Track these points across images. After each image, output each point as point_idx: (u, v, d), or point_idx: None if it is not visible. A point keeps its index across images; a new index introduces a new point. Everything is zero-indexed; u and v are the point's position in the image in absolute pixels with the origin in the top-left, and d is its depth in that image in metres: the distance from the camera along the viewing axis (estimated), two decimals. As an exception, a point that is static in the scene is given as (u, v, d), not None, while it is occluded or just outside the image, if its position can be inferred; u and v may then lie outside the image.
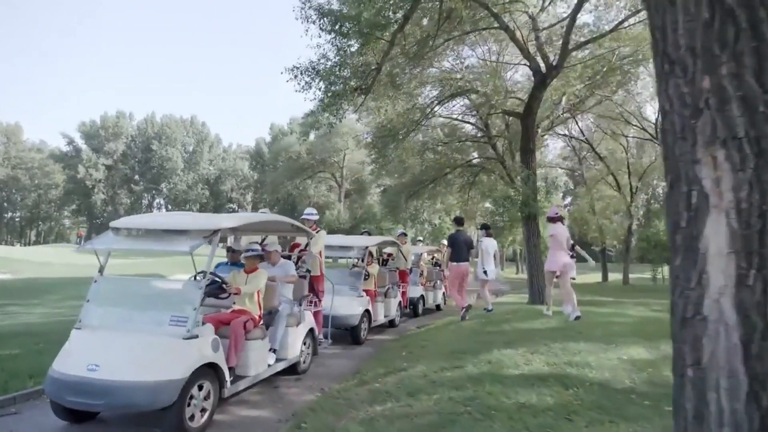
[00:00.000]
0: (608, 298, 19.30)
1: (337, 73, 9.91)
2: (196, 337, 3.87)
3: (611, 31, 13.76)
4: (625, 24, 13.98)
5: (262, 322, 5.08)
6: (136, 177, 72.89)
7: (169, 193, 73.12)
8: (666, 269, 32.47)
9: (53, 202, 70.58)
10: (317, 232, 7.24)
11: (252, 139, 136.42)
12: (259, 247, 5.63)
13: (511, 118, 22.98)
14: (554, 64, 13.39)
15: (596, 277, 35.26)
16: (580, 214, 34.12)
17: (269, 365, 5.04)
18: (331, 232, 61.22)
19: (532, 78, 17.52)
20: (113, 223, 4.45)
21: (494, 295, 15.44)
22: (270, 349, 5.17)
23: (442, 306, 14.22)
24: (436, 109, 18.74)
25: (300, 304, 5.87)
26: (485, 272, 8.87)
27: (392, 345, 7.24)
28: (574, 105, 18.96)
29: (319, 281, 6.93)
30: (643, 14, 13.36)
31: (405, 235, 12.22)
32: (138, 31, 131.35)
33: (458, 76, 18.11)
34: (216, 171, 75.31)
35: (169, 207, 78.84)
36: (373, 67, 10.19)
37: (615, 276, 35.68)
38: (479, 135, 24.69)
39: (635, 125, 25.92)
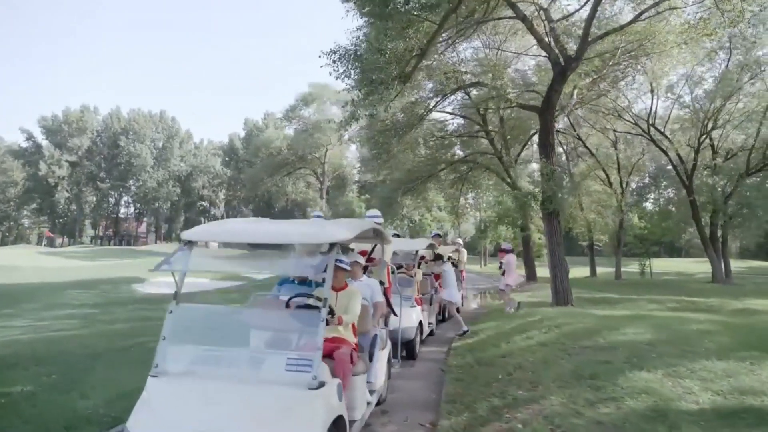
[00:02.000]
0: (612, 294, 19.09)
1: (377, 59, 9.00)
2: (323, 385, 2.94)
3: (631, 22, 13.32)
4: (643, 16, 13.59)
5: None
6: (102, 174, 69.43)
7: (138, 191, 70.05)
8: (654, 262, 33.00)
9: (12, 201, 66.39)
10: None
11: (224, 135, 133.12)
12: (346, 259, 4.71)
13: (507, 112, 22.65)
14: (574, 55, 12.87)
15: (584, 271, 35.45)
16: (568, 210, 34.13)
17: (368, 403, 4.16)
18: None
19: (539, 72, 17.14)
20: (186, 235, 3.45)
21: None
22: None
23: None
24: (438, 102, 18.08)
25: (386, 325, 5.03)
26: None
27: (460, 362, 6.44)
28: (582, 99, 18.58)
29: (389, 294, 6.07)
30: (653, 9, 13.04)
31: (440, 236, 11.46)
32: (98, 25, 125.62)
33: (463, 69, 17.49)
34: (187, 167, 72.60)
35: (138, 206, 75.71)
36: (415, 53, 9.32)
37: (601, 270, 35.91)
38: (476, 130, 24.18)
39: (628, 120, 25.88)
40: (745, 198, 25.00)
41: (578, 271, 36.91)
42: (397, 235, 11.72)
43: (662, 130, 26.35)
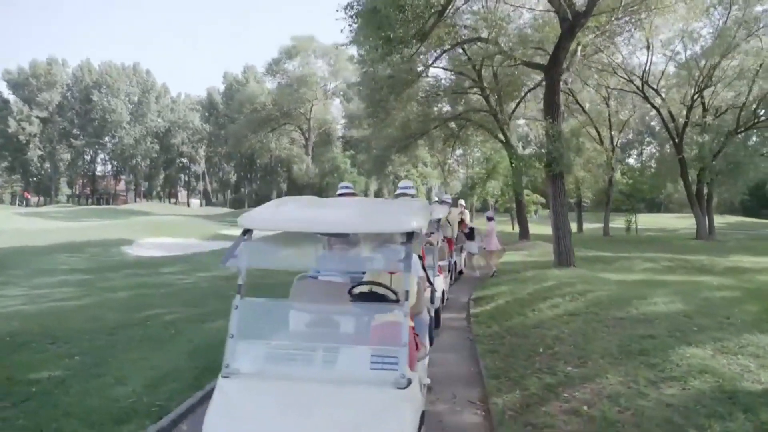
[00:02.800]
0: (605, 252, 19.47)
1: (397, 16, 8.43)
2: (410, 382, 2.76)
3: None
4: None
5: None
6: (76, 131, 66.64)
7: (115, 148, 67.70)
8: (639, 217, 33.65)
9: (-20, 160, 63.63)
10: None
11: (202, 89, 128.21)
12: None
13: (500, 68, 22.11)
14: (583, 11, 12.40)
15: (571, 227, 36.07)
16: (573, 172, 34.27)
17: (426, 386, 4.06)
18: (301, 187, 59.39)
19: (541, 28, 16.56)
20: (245, 223, 3.11)
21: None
22: None
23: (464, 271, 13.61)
24: (437, 58, 17.40)
25: (432, 302, 4.92)
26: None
27: (486, 331, 6.42)
28: (584, 55, 18.14)
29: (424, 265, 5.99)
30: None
31: (455, 201, 11.23)
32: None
33: (464, 23, 16.79)
34: (165, 123, 70.11)
35: (115, 163, 73.44)
36: (434, 10, 8.77)
37: (587, 226, 36.57)
38: (469, 86, 23.60)
39: (622, 77, 25.57)
40: (733, 156, 25.33)
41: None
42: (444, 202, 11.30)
43: (655, 87, 26.22)
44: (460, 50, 20.06)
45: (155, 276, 13.77)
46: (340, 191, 6.13)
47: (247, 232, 3.15)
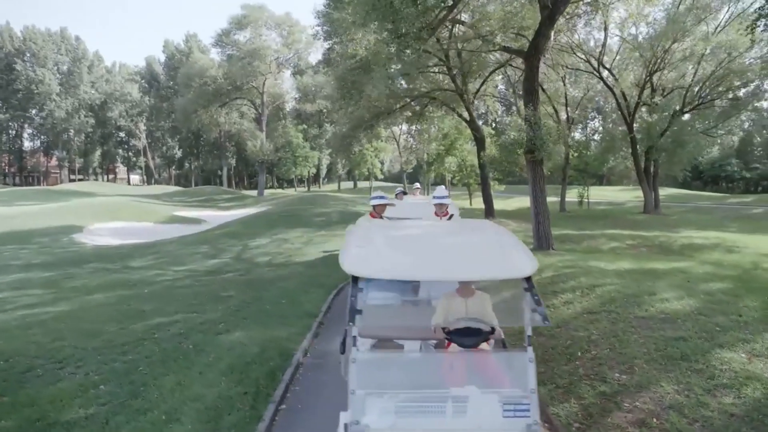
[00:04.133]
0: (568, 230, 20.32)
1: (411, 11, 8.11)
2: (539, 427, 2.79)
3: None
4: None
5: None
6: (-3, 103, 60.57)
7: (44, 122, 62.23)
8: (591, 191, 35.25)
9: None
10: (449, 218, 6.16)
11: (138, 58, 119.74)
12: None
13: (464, 48, 22.10)
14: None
15: (526, 201, 37.33)
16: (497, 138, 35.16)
17: None
18: (253, 163, 57.33)
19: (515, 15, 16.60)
20: (352, 270, 2.96)
21: None
22: None
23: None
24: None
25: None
26: None
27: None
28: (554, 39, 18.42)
29: None
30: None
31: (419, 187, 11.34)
32: None
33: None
34: (100, 95, 65.03)
35: (42, 138, 67.70)
36: (444, 4, 8.48)
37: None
38: (434, 64, 23.48)
39: (580, 57, 26.29)
40: (678, 134, 26.92)
41: (523, 201, 38.89)
42: (404, 193, 11.43)
43: (609, 68, 27.22)
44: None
45: (127, 272, 13.00)
46: (376, 201, 5.94)
47: (356, 279, 3.02)
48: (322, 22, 18.34)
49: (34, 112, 62.16)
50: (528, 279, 2.98)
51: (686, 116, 27.64)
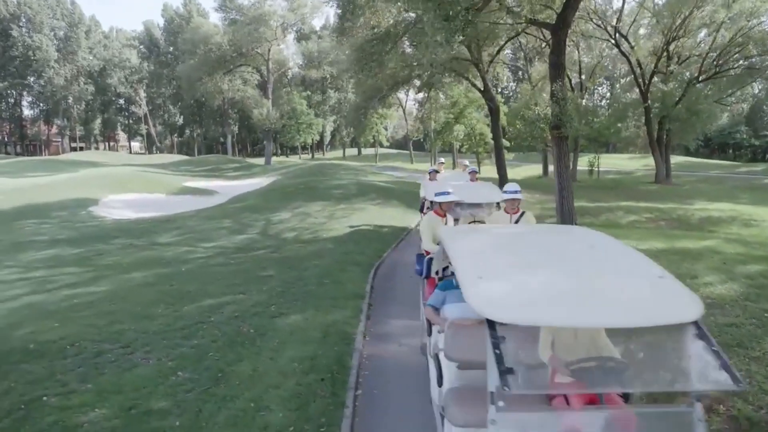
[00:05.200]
0: (583, 201, 20.37)
1: None
2: None
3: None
4: None
5: None
6: (-6, 70, 59.44)
7: (43, 90, 61.30)
8: (602, 159, 35.14)
9: None
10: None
11: (135, 23, 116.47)
12: None
13: (478, 17, 21.57)
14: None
15: (536, 170, 37.31)
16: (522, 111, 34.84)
17: None
18: (259, 131, 56.46)
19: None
20: (492, 312, 2.39)
21: None
22: None
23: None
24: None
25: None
26: None
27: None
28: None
29: None
30: None
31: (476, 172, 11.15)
32: None
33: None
34: (99, 61, 63.75)
35: (42, 106, 66.80)
36: None
37: (551, 169, 37.74)
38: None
39: (597, 24, 25.72)
40: (693, 102, 26.66)
41: (531, 169, 38.86)
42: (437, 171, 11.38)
43: (626, 35, 26.68)
44: None
45: (156, 249, 13.18)
46: (442, 198, 5.71)
47: (494, 324, 2.46)
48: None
49: (32, 79, 61.12)
50: (696, 323, 2.39)
51: (700, 85, 27.30)
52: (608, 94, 50.60)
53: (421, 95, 39.00)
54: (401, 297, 8.23)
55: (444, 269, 4.65)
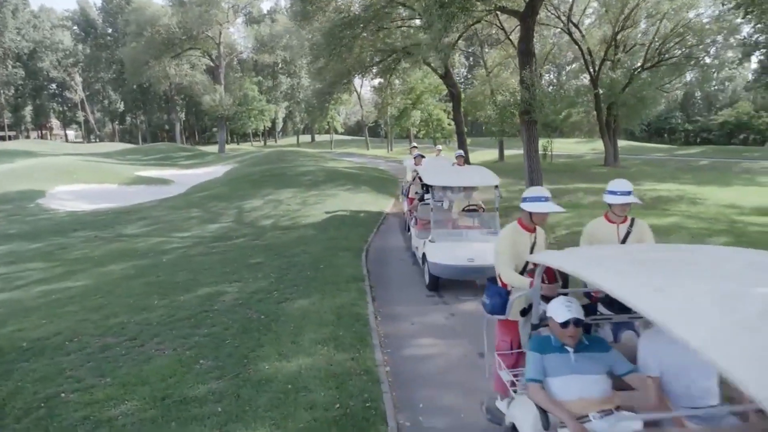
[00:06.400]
0: (548, 184, 21.28)
1: None
2: None
3: None
4: None
5: None
6: None
7: (-35, 73, 56.15)
8: (554, 143, 36.54)
9: None
10: None
11: (68, 2, 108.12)
12: None
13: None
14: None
15: (492, 154, 38.28)
16: (477, 98, 35.61)
17: None
18: (213, 119, 54.00)
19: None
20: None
21: None
22: None
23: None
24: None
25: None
26: None
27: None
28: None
29: None
30: None
31: (463, 156, 11.46)
32: None
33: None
34: (29, 43, 59.01)
35: (-37, 90, 61.17)
36: None
37: (508, 153, 38.90)
38: (409, 18, 23.14)
39: (551, 12, 26.59)
40: (638, 89, 28.25)
41: (487, 154, 39.85)
42: (421, 156, 11.53)
43: (577, 24, 27.79)
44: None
45: (125, 240, 12.64)
46: (539, 208, 3.73)
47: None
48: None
49: (-50, 62, 55.88)
50: None
51: (644, 73, 28.95)
52: (554, 80, 52.50)
53: (377, 81, 39.00)
54: (398, 279, 8.43)
55: (526, 310, 3.39)
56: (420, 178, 10.42)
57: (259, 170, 22.89)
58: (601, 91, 27.76)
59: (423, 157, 11.53)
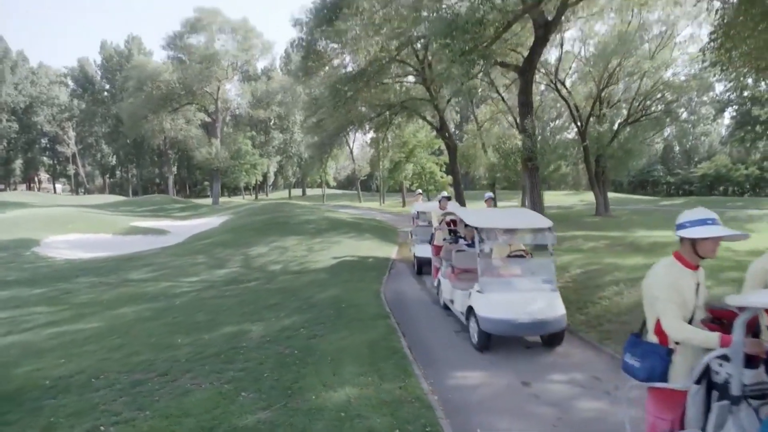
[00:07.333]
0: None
1: (477, 30, 8.62)
2: None
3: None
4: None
5: None
6: None
7: (-42, 127, 56.41)
8: (543, 195, 37.45)
9: None
10: None
11: (64, 59, 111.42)
12: None
13: (434, 58, 23.10)
14: (552, 19, 13.69)
15: (481, 204, 38.91)
16: (469, 151, 36.79)
17: None
18: (205, 173, 54.35)
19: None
20: None
21: None
22: None
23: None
24: (402, 46, 17.73)
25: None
26: None
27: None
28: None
29: None
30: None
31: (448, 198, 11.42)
32: None
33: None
34: (25, 98, 59.94)
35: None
36: (505, 21, 9.06)
37: (501, 204, 39.70)
38: (404, 74, 24.34)
39: (540, 71, 28.12)
40: (624, 143, 29.50)
41: (479, 204, 40.53)
42: (447, 198, 11.44)
43: (563, 81, 29.37)
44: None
45: (133, 285, 12.44)
46: (707, 233, 2.91)
47: None
48: (309, 31, 18.44)
49: (-54, 115, 56.28)
50: None
51: (628, 127, 30.37)
52: (539, 135, 54.65)
53: (369, 136, 40.13)
54: (419, 317, 8.41)
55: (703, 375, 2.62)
56: (451, 222, 10.52)
57: (260, 219, 22.96)
58: (589, 144, 28.96)
59: (449, 199, 11.38)
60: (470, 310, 6.72)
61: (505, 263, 7.38)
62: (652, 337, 2.94)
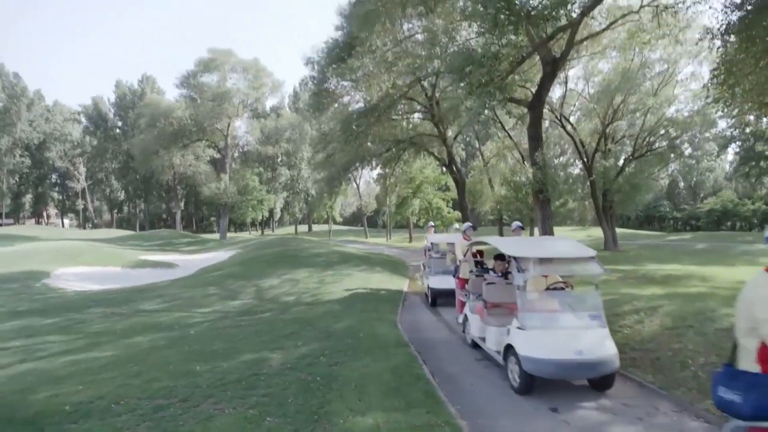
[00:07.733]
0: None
1: (492, 63, 8.98)
2: None
3: (605, 29, 15.02)
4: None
5: None
6: None
7: (-27, 162, 57.61)
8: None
9: None
10: None
11: (78, 98, 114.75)
12: None
13: (443, 95, 23.70)
14: (560, 56, 14.12)
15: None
16: (475, 187, 37.18)
17: None
18: (212, 208, 54.88)
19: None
20: None
21: None
22: None
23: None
24: (413, 83, 18.26)
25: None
26: None
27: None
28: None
29: None
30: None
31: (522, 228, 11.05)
32: None
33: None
34: (39, 135, 61.39)
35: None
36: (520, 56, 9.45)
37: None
38: (411, 111, 24.94)
39: (545, 107, 28.68)
40: (630, 178, 29.74)
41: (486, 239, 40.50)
42: (473, 227, 11.07)
43: (568, 118, 29.92)
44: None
45: (145, 315, 12.39)
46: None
47: None
48: (321, 69, 19.08)
49: (-39, 151, 57.57)
50: None
51: (634, 163, 30.69)
52: (551, 168, 55.20)
53: (377, 172, 40.59)
54: (437, 347, 8.32)
55: None
56: (477, 254, 10.14)
57: (269, 252, 23.03)
58: (596, 178, 29.21)
59: (475, 228, 10.80)
60: (509, 348, 6.09)
61: (545, 297, 6.66)
62: (752, 366, 2.42)
